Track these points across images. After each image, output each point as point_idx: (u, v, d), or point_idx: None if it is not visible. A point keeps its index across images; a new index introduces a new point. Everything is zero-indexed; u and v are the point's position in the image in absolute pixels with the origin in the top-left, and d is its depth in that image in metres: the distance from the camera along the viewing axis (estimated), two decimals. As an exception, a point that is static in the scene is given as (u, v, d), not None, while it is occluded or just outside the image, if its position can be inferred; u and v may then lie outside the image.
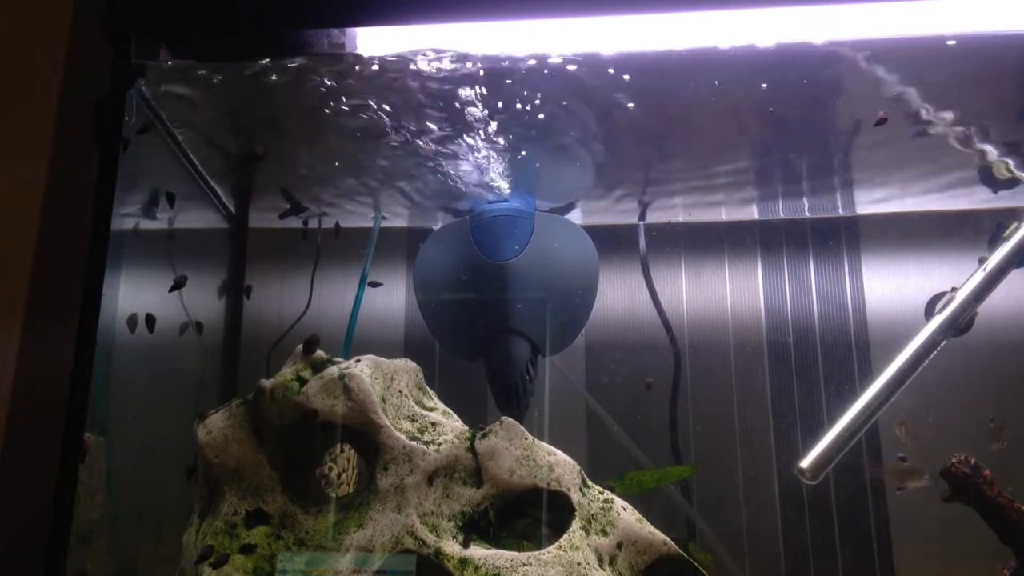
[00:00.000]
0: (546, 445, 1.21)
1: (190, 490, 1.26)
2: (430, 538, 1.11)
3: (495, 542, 1.15)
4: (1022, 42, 1.32)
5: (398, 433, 1.17)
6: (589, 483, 1.22)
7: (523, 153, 1.62)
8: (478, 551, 1.11)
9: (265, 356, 1.76)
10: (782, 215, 1.93)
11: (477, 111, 1.48)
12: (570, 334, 1.80)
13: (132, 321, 1.51)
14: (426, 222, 1.97)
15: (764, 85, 1.42)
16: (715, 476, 1.79)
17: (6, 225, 1.09)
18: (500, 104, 1.46)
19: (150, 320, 1.53)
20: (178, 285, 1.61)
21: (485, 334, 1.73)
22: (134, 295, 1.52)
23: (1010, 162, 1.60)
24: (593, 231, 1.84)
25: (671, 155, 1.69)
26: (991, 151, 1.58)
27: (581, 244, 1.83)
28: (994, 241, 1.45)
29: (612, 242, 1.90)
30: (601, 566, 1.12)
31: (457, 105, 1.46)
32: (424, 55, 1.34)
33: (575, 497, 1.17)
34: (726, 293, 1.92)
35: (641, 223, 1.92)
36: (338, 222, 1.93)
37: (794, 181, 1.78)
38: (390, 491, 1.14)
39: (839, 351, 1.85)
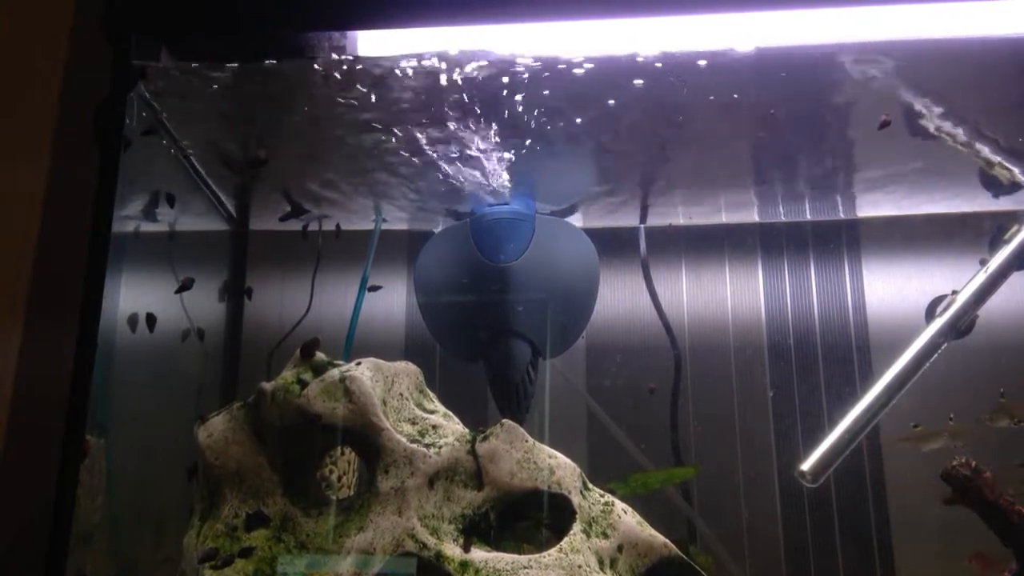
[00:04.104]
0: (547, 447, 1.21)
1: (191, 492, 1.25)
2: (431, 541, 1.11)
3: (496, 545, 1.15)
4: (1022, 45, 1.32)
5: (399, 436, 1.17)
6: (590, 485, 1.22)
7: (524, 155, 1.62)
8: (479, 554, 1.11)
9: (266, 358, 1.76)
10: (783, 218, 1.93)
11: (477, 113, 1.47)
12: (571, 336, 1.80)
13: (133, 321, 1.51)
14: (427, 224, 1.97)
15: (764, 87, 1.42)
16: (715, 477, 1.79)
17: (6, 225, 1.09)
18: (501, 106, 1.46)
19: (151, 320, 1.53)
20: (184, 287, 1.61)
21: (486, 336, 1.73)
22: (135, 297, 1.52)
23: (1003, 160, 1.60)
24: (593, 233, 1.84)
25: (672, 158, 1.68)
26: (992, 154, 1.58)
27: (582, 246, 1.83)
28: (995, 243, 1.45)
29: (613, 244, 1.90)
30: (602, 569, 1.12)
31: (458, 107, 1.46)
32: (425, 57, 1.34)
33: (576, 500, 1.17)
34: (727, 295, 1.92)
35: (642, 225, 1.92)
36: (339, 224, 1.93)
37: (795, 183, 1.78)
38: (391, 494, 1.14)
39: (840, 353, 1.85)
